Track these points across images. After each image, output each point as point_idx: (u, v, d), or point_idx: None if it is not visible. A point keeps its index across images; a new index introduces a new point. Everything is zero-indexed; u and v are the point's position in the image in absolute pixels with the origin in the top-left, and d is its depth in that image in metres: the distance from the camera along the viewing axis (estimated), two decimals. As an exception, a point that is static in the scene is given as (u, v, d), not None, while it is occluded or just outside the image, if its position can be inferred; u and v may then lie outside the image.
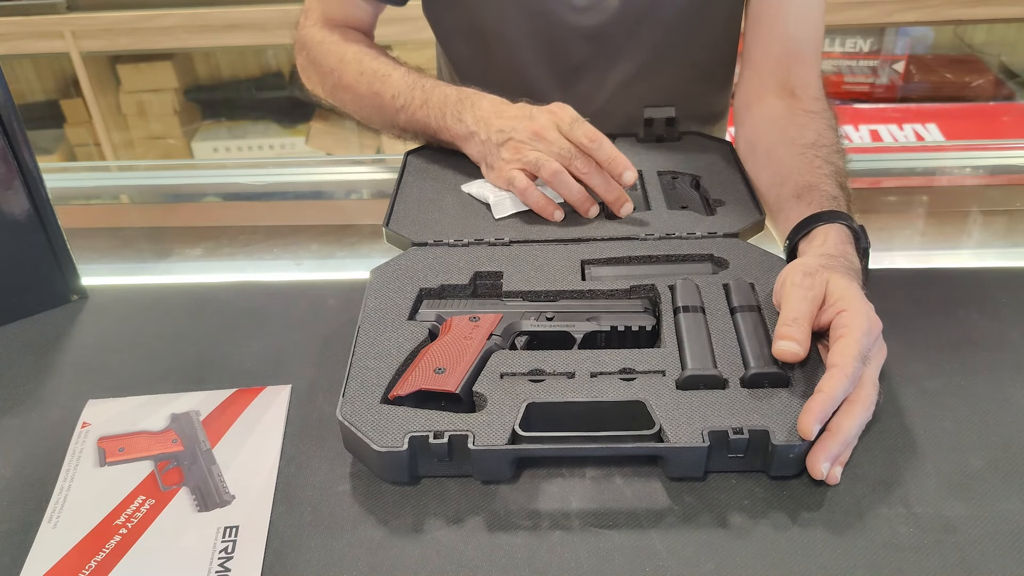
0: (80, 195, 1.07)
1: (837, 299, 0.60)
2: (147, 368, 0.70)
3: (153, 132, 2.49)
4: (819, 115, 0.83)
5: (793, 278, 0.62)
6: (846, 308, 0.59)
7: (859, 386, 0.57)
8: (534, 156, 0.76)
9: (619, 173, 0.75)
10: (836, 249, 0.66)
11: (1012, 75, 2.33)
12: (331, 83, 0.91)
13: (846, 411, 0.56)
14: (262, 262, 0.89)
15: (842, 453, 0.56)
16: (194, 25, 2.16)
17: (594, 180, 0.76)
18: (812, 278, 0.61)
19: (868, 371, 0.58)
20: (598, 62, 0.94)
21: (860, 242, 0.69)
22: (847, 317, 0.58)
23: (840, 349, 0.56)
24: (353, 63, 0.89)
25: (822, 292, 0.61)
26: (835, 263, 0.64)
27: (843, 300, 0.59)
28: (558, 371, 0.60)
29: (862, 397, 0.56)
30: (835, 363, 0.56)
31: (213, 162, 2.22)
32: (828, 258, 0.65)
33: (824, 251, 0.66)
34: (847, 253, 0.66)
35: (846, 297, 0.60)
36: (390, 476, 0.57)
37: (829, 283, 0.61)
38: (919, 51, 2.38)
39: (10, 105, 0.69)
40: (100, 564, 0.52)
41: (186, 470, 0.59)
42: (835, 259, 0.65)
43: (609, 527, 0.54)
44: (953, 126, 1.92)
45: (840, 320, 0.58)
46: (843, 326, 0.58)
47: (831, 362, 0.56)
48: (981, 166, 1.03)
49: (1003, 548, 0.51)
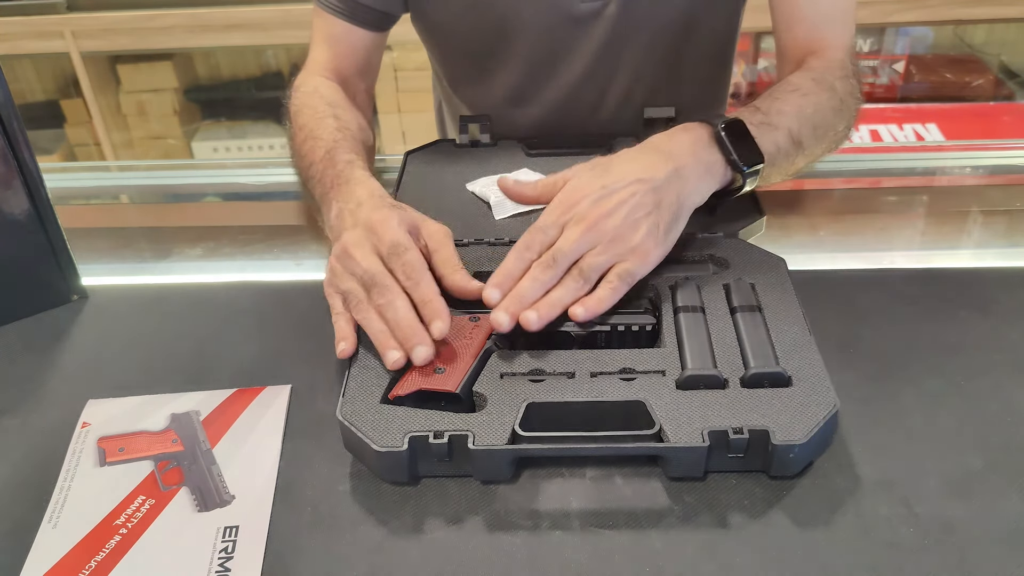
0: (80, 195, 1.07)
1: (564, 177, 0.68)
2: (147, 368, 0.70)
3: (153, 132, 2.50)
4: (813, 71, 0.80)
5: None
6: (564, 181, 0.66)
7: (545, 254, 0.63)
8: (344, 286, 0.63)
9: (429, 320, 0.60)
10: (661, 140, 0.69)
11: (1012, 75, 2.33)
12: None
13: (526, 276, 0.63)
14: (262, 262, 0.89)
15: (540, 306, 0.62)
16: (194, 25, 2.16)
17: (387, 314, 0.61)
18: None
19: (561, 239, 0.64)
20: (600, 70, 0.94)
21: (722, 144, 0.69)
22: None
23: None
24: (302, 117, 0.83)
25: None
26: (631, 152, 0.68)
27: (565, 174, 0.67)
28: (558, 371, 0.60)
29: (542, 261, 0.63)
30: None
31: (213, 162, 2.21)
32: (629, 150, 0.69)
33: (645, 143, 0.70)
34: (672, 143, 0.69)
35: (568, 173, 0.67)
36: (390, 476, 0.57)
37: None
38: (919, 51, 2.38)
39: (10, 105, 0.69)
40: (100, 564, 0.52)
41: (186, 470, 0.59)
42: (639, 150, 0.69)
43: (609, 527, 0.54)
44: (953, 126, 1.92)
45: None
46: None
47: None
48: (981, 166, 1.03)
49: (1003, 548, 0.51)
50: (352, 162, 0.73)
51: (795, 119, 0.74)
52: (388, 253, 0.62)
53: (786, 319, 0.64)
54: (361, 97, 0.93)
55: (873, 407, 0.62)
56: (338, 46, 0.91)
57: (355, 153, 0.75)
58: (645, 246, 0.64)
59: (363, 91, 0.94)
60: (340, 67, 0.91)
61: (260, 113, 2.53)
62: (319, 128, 0.79)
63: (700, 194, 0.69)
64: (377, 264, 0.62)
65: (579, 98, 0.96)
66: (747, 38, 2.25)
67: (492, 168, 0.89)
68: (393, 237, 0.62)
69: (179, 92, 2.47)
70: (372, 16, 0.90)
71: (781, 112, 0.74)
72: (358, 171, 0.71)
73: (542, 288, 0.63)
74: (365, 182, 0.69)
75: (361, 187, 0.69)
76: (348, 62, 0.92)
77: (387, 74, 2.34)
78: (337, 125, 0.79)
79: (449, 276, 0.64)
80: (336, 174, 0.72)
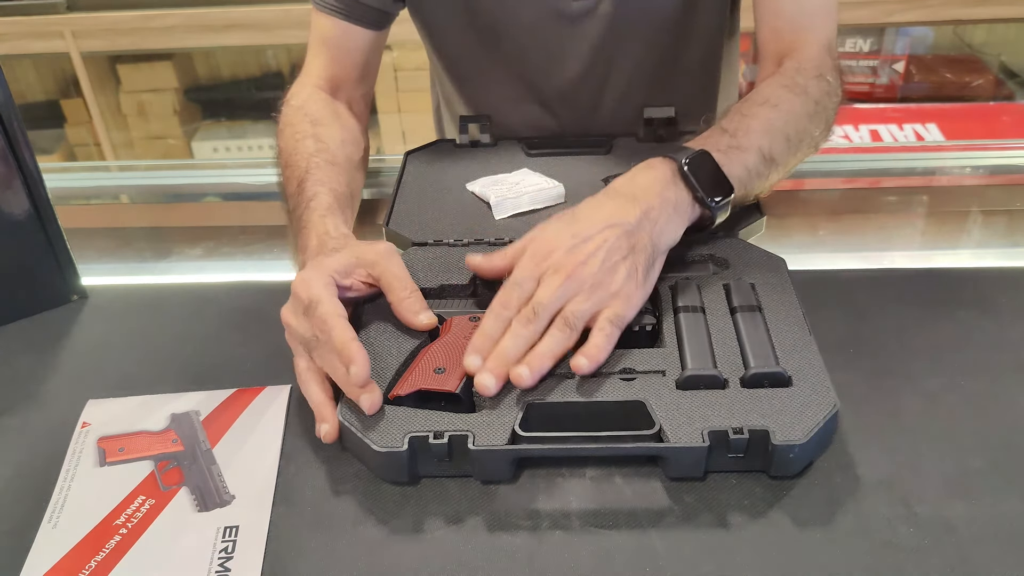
0: (80, 195, 1.07)
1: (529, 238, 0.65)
2: (147, 368, 0.70)
3: (153, 132, 2.50)
4: (784, 75, 0.79)
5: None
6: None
7: (524, 309, 0.61)
8: (295, 352, 0.63)
9: (345, 366, 0.57)
10: (625, 183, 0.68)
11: (1012, 75, 2.33)
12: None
13: (507, 334, 0.60)
14: (262, 262, 0.89)
15: (530, 359, 0.59)
16: (194, 25, 2.17)
17: (328, 371, 0.60)
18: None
19: (540, 291, 0.61)
20: (596, 68, 0.93)
21: (688, 180, 0.67)
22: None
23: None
24: (284, 138, 0.82)
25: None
26: (596, 201, 0.67)
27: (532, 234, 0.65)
28: (558, 371, 0.60)
29: (522, 316, 0.60)
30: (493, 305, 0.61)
31: (213, 162, 2.21)
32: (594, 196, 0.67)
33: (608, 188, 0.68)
34: (638, 186, 0.67)
35: (535, 231, 0.65)
36: (390, 476, 0.57)
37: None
38: (919, 51, 2.38)
39: (10, 105, 0.69)
40: (100, 564, 0.52)
41: (186, 470, 0.59)
42: (604, 196, 0.67)
43: (609, 527, 0.54)
44: (953, 126, 1.92)
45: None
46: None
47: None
48: (981, 166, 1.03)
49: (1003, 548, 0.51)
50: (313, 198, 0.72)
51: (765, 136, 0.72)
52: (306, 313, 0.60)
53: (786, 319, 0.64)
54: (358, 104, 0.92)
55: (873, 407, 0.62)
56: (335, 50, 0.90)
57: (322, 183, 0.74)
58: (627, 289, 0.62)
59: (360, 97, 0.93)
60: (336, 73, 0.90)
61: (260, 113, 2.53)
62: (295, 153, 0.78)
63: (672, 234, 0.67)
64: (307, 328, 0.60)
65: (576, 96, 0.96)
66: (747, 38, 2.25)
67: (492, 168, 0.89)
68: (308, 295, 0.60)
69: (179, 92, 2.47)
70: (369, 14, 0.89)
71: (750, 130, 0.72)
72: (314, 215, 0.70)
73: (525, 344, 0.59)
74: (318, 225, 0.69)
75: (312, 233, 0.68)
76: (345, 66, 0.91)
77: (387, 74, 2.34)
78: (315, 148, 0.79)
79: (395, 306, 0.64)
80: (299, 216, 0.72)
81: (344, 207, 0.74)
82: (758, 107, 0.75)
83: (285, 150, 0.81)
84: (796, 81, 0.78)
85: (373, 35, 0.91)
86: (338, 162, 0.79)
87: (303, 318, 0.61)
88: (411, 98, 2.36)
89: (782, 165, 0.74)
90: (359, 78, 0.92)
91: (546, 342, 0.60)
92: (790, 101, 0.76)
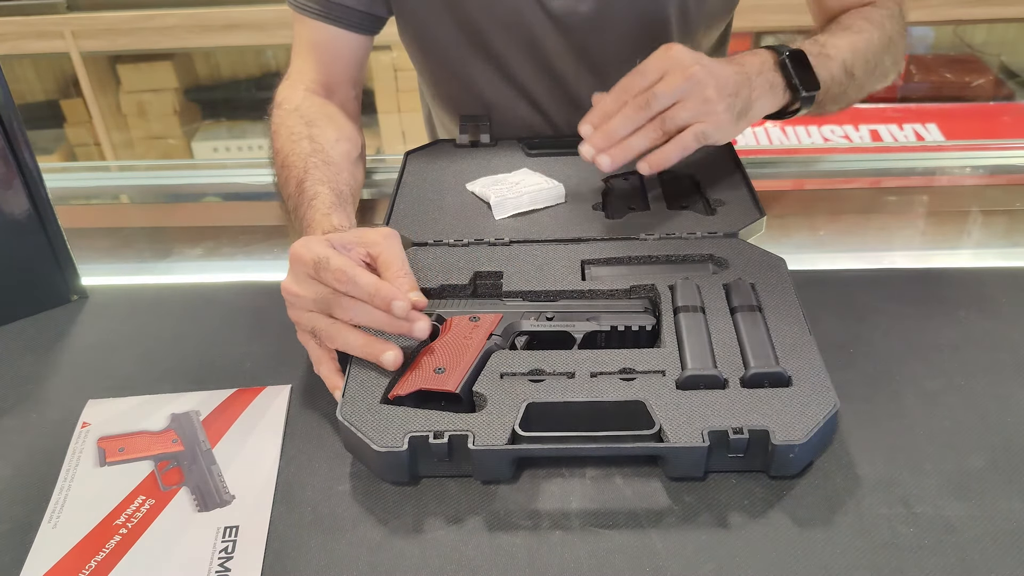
0: (80, 195, 1.07)
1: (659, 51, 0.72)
2: (147, 368, 0.70)
3: (153, 132, 2.50)
4: (864, 12, 0.87)
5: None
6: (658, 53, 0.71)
7: (642, 95, 0.69)
8: (308, 325, 0.62)
9: (386, 306, 0.58)
10: (733, 57, 0.75)
11: (1012, 75, 2.33)
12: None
13: (618, 115, 0.70)
14: (262, 262, 0.89)
15: (615, 150, 0.70)
16: (194, 25, 2.17)
17: (361, 321, 0.60)
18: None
19: (661, 84, 0.69)
20: (582, 68, 0.93)
21: (785, 69, 0.76)
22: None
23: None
24: (279, 140, 0.82)
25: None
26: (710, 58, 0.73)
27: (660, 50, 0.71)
28: (558, 371, 0.60)
29: (638, 101, 0.69)
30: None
31: (213, 162, 2.21)
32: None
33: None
34: (743, 59, 0.75)
35: (662, 49, 0.71)
36: (390, 476, 0.57)
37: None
38: (919, 51, 2.38)
39: (10, 105, 0.69)
40: (100, 564, 0.52)
41: (186, 470, 0.59)
42: (716, 59, 0.73)
43: (609, 527, 0.54)
44: (953, 126, 1.92)
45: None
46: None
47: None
48: (981, 166, 1.03)
49: (1003, 548, 0.51)
50: (315, 197, 0.72)
51: (849, 52, 0.81)
52: (317, 273, 0.60)
53: (786, 319, 0.64)
54: (350, 105, 0.92)
55: (873, 407, 0.62)
56: (323, 54, 0.90)
57: (322, 183, 0.74)
58: (726, 116, 0.70)
59: (352, 98, 0.93)
60: (326, 76, 0.90)
61: (260, 113, 2.51)
62: (292, 154, 0.79)
63: (765, 105, 0.76)
64: (320, 289, 0.60)
65: (564, 96, 0.96)
66: (747, 38, 2.25)
67: (492, 168, 0.89)
68: (313, 256, 0.60)
69: (179, 92, 2.47)
70: (356, 17, 0.89)
71: (836, 46, 0.81)
72: (318, 213, 0.70)
73: (632, 126, 0.70)
74: (323, 222, 0.69)
75: (318, 230, 0.68)
76: (334, 70, 0.90)
77: (387, 74, 2.34)
78: (311, 148, 0.79)
79: (389, 282, 0.61)
80: (302, 215, 0.72)
81: (345, 205, 0.74)
82: (843, 30, 0.84)
83: (281, 151, 0.81)
84: (874, 16, 0.86)
85: (364, 39, 0.91)
86: (335, 161, 0.79)
87: (311, 281, 0.60)
88: (411, 98, 2.35)
89: (858, 82, 0.83)
90: (351, 82, 0.92)
91: (637, 138, 0.70)
92: (869, 31, 0.84)
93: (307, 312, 0.62)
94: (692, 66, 0.70)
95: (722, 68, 0.72)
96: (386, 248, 0.63)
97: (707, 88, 0.69)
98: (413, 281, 0.63)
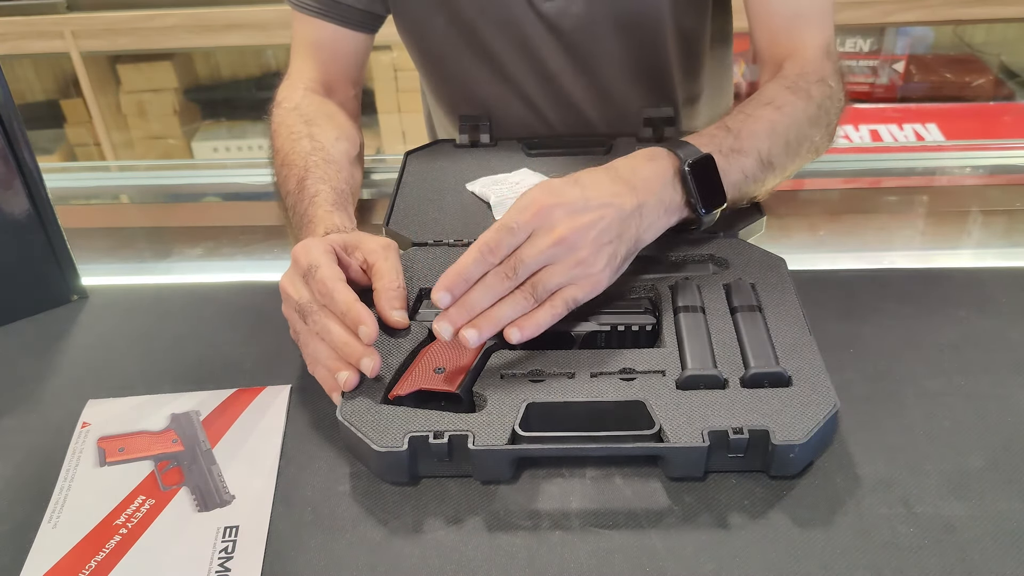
0: (80, 195, 1.07)
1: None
2: (147, 368, 0.70)
3: (153, 132, 2.50)
4: (787, 78, 0.79)
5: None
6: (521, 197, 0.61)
7: (507, 261, 0.59)
8: (292, 321, 0.64)
9: (354, 326, 0.59)
10: (629, 169, 0.66)
11: (1012, 75, 2.33)
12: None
13: (479, 285, 0.59)
14: (262, 262, 0.89)
15: (480, 321, 0.59)
16: (194, 25, 2.17)
17: (327, 339, 0.60)
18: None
19: (527, 247, 0.60)
20: (577, 66, 0.93)
21: (686, 184, 0.67)
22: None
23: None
24: (279, 139, 0.82)
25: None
26: (603, 173, 0.65)
27: (527, 197, 0.61)
28: (558, 371, 0.60)
29: (502, 269, 0.59)
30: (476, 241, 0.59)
31: (213, 162, 2.21)
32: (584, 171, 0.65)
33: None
34: (640, 174, 0.66)
35: (528, 192, 0.62)
36: (390, 476, 0.57)
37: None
38: (919, 51, 2.38)
39: (10, 105, 0.69)
40: (100, 564, 0.52)
41: (186, 470, 0.59)
42: (611, 170, 0.65)
43: (609, 527, 0.54)
44: (953, 126, 1.92)
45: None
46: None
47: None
48: (981, 166, 1.03)
49: (1003, 548, 0.51)
50: (317, 195, 0.72)
51: (766, 139, 0.72)
52: (305, 278, 0.61)
53: (786, 319, 0.64)
54: (350, 104, 0.93)
55: (873, 407, 0.62)
56: (322, 52, 0.90)
57: (323, 181, 0.74)
58: (601, 275, 0.62)
59: (352, 97, 0.93)
60: (325, 75, 0.90)
61: (260, 113, 2.51)
62: (292, 153, 0.79)
63: (654, 231, 0.67)
64: (305, 293, 0.61)
65: (559, 96, 0.96)
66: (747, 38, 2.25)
67: (492, 168, 0.89)
68: (307, 260, 0.61)
69: (179, 92, 2.47)
70: (356, 16, 0.89)
71: (753, 134, 0.72)
72: (320, 210, 0.70)
73: (493, 298, 0.60)
74: (326, 219, 0.69)
75: (320, 226, 0.69)
76: (334, 68, 0.91)
77: (387, 74, 2.34)
78: (311, 147, 0.79)
79: (378, 293, 0.63)
80: (303, 212, 0.72)
81: (346, 204, 0.75)
82: (762, 107, 0.75)
83: (281, 150, 0.81)
84: (799, 84, 0.78)
85: (364, 37, 0.91)
86: (336, 160, 0.79)
87: (302, 284, 0.61)
88: (411, 98, 2.35)
89: (779, 169, 0.74)
90: (350, 80, 0.93)
91: (505, 307, 0.60)
92: (793, 104, 0.76)
93: (293, 312, 0.63)
94: (558, 226, 0.60)
95: (600, 210, 0.62)
96: (382, 259, 0.64)
97: (580, 250, 0.60)
98: (403, 298, 0.64)
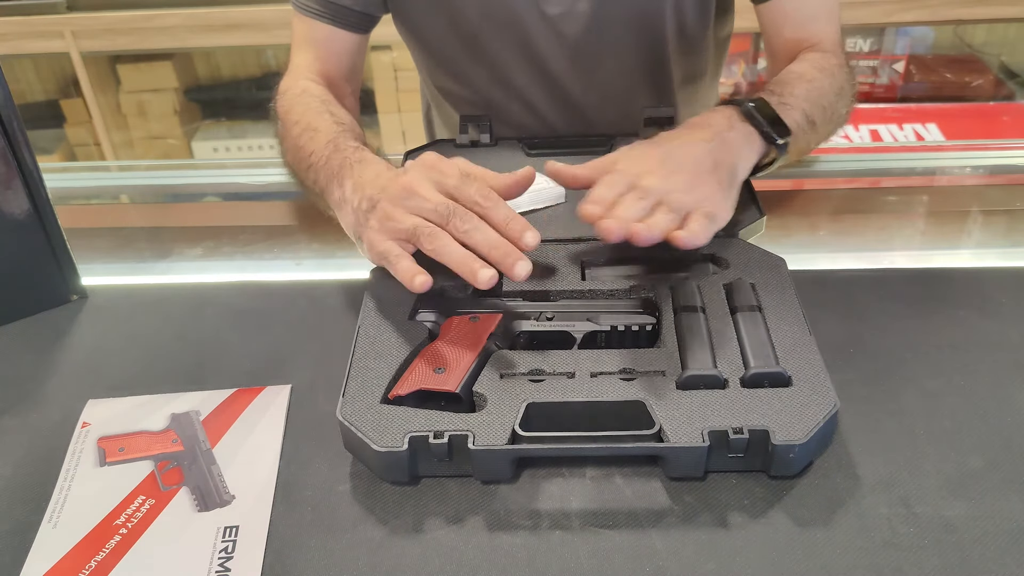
0: (80, 195, 1.07)
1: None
2: (147, 368, 0.70)
3: (153, 132, 2.50)
4: (812, 59, 0.84)
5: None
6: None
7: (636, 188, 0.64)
8: (408, 224, 0.63)
9: (518, 235, 0.61)
10: (697, 119, 0.71)
11: (1012, 75, 2.33)
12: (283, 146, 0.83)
13: (622, 203, 0.63)
14: (262, 262, 0.89)
15: (649, 227, 0.61)
16: (194, 25, 2.16)
17: (475, 238, 0.61)
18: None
19: (644, 181, 0.64)
20: (578, 69, 0.93)
21: (754, 119, 0.72)
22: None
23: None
24: (296, 114, 0.81)
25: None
26: (673, 132, 0.70)
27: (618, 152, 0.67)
28: (558, 371, 0.60)
29: (634, 193, 0.63)
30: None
31: (213, 162, 2.22)
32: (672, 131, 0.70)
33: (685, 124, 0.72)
34: (709, 120, 0.71)
35: (620, 151, 0.68)
36: (390, 476, 0.57)
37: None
38: (919, 51, 2.38)
39: (10, 105, 0.69)
40: (100, 564, 0.52)
41: (186, 470, 0.59)
42: (680, 129, 0.70)
43: (609, 527, 0.54)
44: (953, 126, 1.91)
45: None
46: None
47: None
48: (981, 166, 1.03)
49: (1003, 548, 0.51)
50: (360, 148, 0.72)
51: (806, 100, 0.77)
52: (458, 184, 0.63)
53: (786, 319, 0.64)
54: (349, 101, 0.93)
55: (873, 407, 0.62)
56: (321, 50, 0.90)
57: (360, 142, 0.74)
58: (717, 197, 0.66)
59: (350, 94, 0.93)
60: (326, 70, 0.90)
61: (260, 113, 2.52)
62: (317, 121, 0.79)
63: (746, 161, 0.70)
64: (441, 197, 0.63)
65: (561, 97, 0.96)
66: (747, 38, 2.25)
67: (492, 168, 0.88)
68: (459, 167, 0.64)
69: (179, 92, 2.47)
70: (354, 18, 0.89)
71: (794, 94, 0.77)
72: (368, 154, 0.71)
73: (640, 214, 0.63)
74: (380, 161, 0.69)
75: (377, 163, 0.69)
76: (333, 65, 0.91)
77: (387, 74, 2.34)
78: (335, 119, 0.79)
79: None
80: (343, 158, 0.71)
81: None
82: (795, 78, 0.80)
83: (302, 120, 0.80)
84: (823, 64, 0.83)
85: (358, 38, 0.92)
86: (360, 135, 0.79)
87: (436, 190, 0.63)
88: (411, 98, 2.35)
89: (820, 128, 0.79)
90: (348, 78, 0.93)
91: (658, 217, 0.63)
92: (820, 79, 0.80)
93: (409, 217, 0.63)
94: (659, 168, 0.65)
95: (689, 145, 0.67)
96: (494, 181, 0.67)
97: (687, 179, 0.65)
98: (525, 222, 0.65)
